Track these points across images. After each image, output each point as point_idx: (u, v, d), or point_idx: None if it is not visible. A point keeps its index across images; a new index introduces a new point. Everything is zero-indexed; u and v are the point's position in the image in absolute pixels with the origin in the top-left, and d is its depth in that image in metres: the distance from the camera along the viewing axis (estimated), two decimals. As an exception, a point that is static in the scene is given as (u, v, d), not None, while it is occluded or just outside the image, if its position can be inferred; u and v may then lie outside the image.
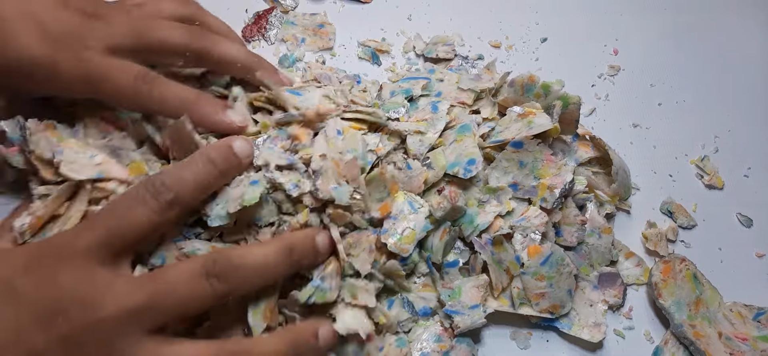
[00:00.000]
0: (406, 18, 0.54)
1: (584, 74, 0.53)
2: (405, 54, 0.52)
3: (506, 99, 0.44)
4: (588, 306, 0.41)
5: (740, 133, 0.51)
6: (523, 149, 0.40)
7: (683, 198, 0.48)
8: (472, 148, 0.41)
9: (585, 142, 0.46)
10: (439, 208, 0.39)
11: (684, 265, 0.43)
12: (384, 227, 0.39)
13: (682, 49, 0.55)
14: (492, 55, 0.52)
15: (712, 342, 0.40)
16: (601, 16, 0.56)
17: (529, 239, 0.40)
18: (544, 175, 0.41)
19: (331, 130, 0.39)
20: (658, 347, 0.41)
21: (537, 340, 0.41)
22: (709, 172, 0.49)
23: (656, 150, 0.50)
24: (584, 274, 0.42)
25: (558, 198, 0.40)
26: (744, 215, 0.47)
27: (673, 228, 0.46)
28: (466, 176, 0.40)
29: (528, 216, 0.40)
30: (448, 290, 0.40)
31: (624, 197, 0.46)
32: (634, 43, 0.55)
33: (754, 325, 0.42)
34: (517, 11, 0.56)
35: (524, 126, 0.41)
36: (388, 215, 0.39)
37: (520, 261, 0.40)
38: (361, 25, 0.53)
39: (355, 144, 0.39)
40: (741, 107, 0.52)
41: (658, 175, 0.49)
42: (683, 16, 0.57)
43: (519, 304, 0.40)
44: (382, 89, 0.46)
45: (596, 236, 0.42)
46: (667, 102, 0.52)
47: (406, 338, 0.39)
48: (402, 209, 0.39)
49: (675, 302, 0.41)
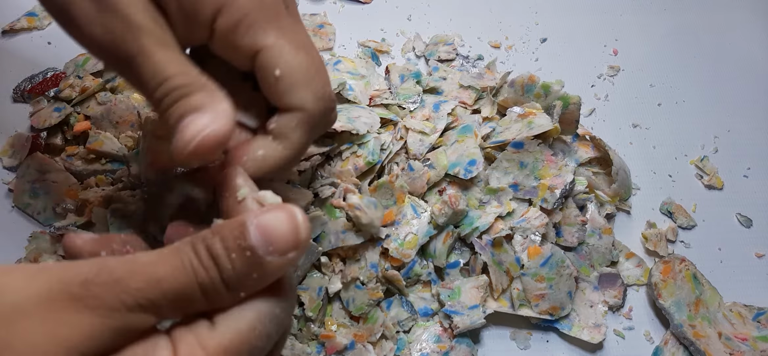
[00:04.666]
0: (406, 18, 0.54)
1: (584, 74, 0.53)
2: (405, 54, 0.52)
3: (506, 99, 0.44)
4: (588, 307, 0.41)
5: (740, 133, 0.51)
6: (524, 150, 0.40)
7: (683, 198, 0.48)
8: (473, 149, 0.41)
9: (585, 142, 0.46)
10: (440, 214, 0.39)
11: (684, 265, 0.43)
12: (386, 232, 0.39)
13: (682, 49, 0.55)
14: (492, 55, 0.52)
15: (712, 343, 0.40)
16: (601, 16, 0.56)
17: (530, 241, 0.40)
18: (544, 175, 0.41)
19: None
20: (658, 347, 0.41)
21: (537, 341, 0.41)
22: (709, 172, 0.49)
23: (656, 150, 0.50)
24: (584, 275, 0.42)
25: (558, 199, 0.40)
26: (743, 216, 0.47)
27: (672, 228, 0.46)
28: (466, 177, 0.40)
29: (528, 217, 0.40)
30: (447, 290, 0.40)
31: (624, 197, 0.46)
32: (634, 43, 0.55)
33: (754, 325, 0.42)
34: (517, 11, 0.55)
35: (525, 126, 0.41)
36: (391, 222, 0.39)
37: (520, 262, 0.40)
38: (361, 26, 0.52)
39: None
40: (741, 108, 0.52)
41: (658, 175, 0.49)
42: (683, 16, 0.57)
43: (519, 305, 0.40)
44: (390, 72, 0.47)
45: (597, 237, 0.42)
46: (667, 102, 0.52)
47: (406, 338, 0.39)
48: (405, 213, 0.39)
49: (675, 302, 0.41)
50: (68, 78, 0.46)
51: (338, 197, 0.39)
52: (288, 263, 0.22)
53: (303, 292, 0.38)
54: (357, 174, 0.40)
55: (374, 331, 0.38)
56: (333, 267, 0.39)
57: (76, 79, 0.46)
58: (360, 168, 0.40)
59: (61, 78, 0.47)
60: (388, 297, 0.40)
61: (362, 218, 0.37)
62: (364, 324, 0.39)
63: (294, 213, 0.23)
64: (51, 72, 0.47)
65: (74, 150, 0.44)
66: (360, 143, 0.40)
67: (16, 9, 0.51)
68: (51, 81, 0.47)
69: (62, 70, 0.48)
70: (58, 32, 0.51)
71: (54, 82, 0.47)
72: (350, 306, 0.39)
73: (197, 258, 0.22)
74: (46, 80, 0.47)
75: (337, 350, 0.38)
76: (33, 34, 0.51)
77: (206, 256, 0.22)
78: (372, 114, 0.42)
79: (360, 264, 0.38)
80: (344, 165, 0.40)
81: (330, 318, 0.39)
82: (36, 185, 0.43)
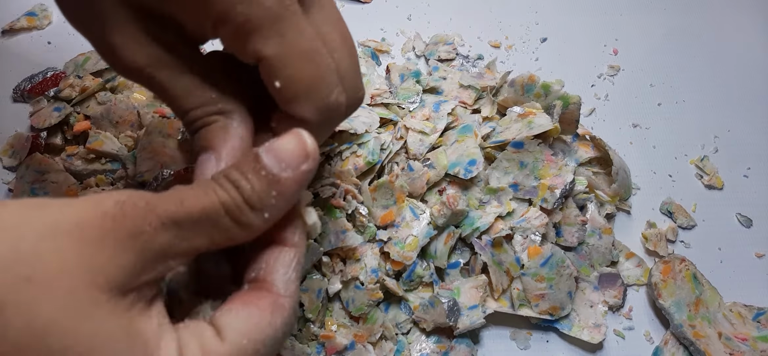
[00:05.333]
0: (406, 18, 0.54)
1: (584, 74, 0.53)
2: (405, 54, 0.52)
3: (506, 99, 0.44)
4: (588, 307, 0.41)
5: (740, 133, 0.51)
6: (524, 150, 0.40)
7: (683, 198, 0.48)
8: (473, 149, 0.41)
9: (585, 142, 0.46)
10: (440, 215, 0.39)
11: (684, 265, 0.43)
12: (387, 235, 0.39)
13: (682, 49, 0.55)
14: (492, 55, 0.52)
15: (712, 343, 0.40)
16: (601, 16, 0.56)
17: (530, 241, 0.40)
18: (544, 175, 0.41)
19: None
20: (658, 347, 0.41)
21: (537, 341, 0.41)
22: (709, 172, 0.49)
23: (656, 150, 0.50)
24: (584, 275, 0.42)
25: (558, 199, 0.40)
26: (743, 216, 0.47)
27: (672, 228, 0.46)
28: (466, 177, 0.40)
29: (528, 217, 0.40)
30: (447, 290, 0.40)
31: (624, 197, 0.46)
32: (634, 43, 0.55)
33: (754, 325, 0.42)
34: (517, 11, 0.55)
35: (524, 126, 0.41)
36: (391, 223, 0.39)
37: (520, 262, 0.40)
38: (361, 25, 0.52)
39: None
40: (741, 107, 0.52)
41: (658, 175, 0.49)
42: (683, 16, 0.57)
43: (519, 305, 0.40)
44: (390, 72, 0.47)
45: (597, 237, 0.42)
46: (667, 102, 0.52)
47: (405, 339, 0.39)
48: (404, 215, 0.39)
49: (675, 302, 0.41)
50: (68, 78, 0.46)
51: (339, 197, 0.39)
52: (303, 176, 0.24)
53: (303, 293, 0.38)
54: (357, 174, 0.40)
55: (374, 331, 0.38)
56: (333, 266, 0.39)
57: (76, 79, 0.46)
58: (360, 168, 0.40)
59: (61, 78, 0.47)
60: (388, 298, 0.40)
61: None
62: (363, 324, 0.39)
63: (299, 132, 0.24)
64: (51, 72, 0.47)
65: (74, 150, 0.44)
66: (360, 143, 0.40)
67: (16, 9, 0.51)
68: (51, 81, 0.47)
69: (62, 70, 0.48)
70: (58, 32, 0.51)
71: (54, 82, 0.47)
72: (350, 307, 0.39)
73: (217, 184, 0.23)
74: (46, 80, 0.47)
75: (337, 350, 0.38)
76: (33, 34, 0.51)
77: (225, 181, 0.23)
78: (371, 114, 0.42)
79: (360, 264, 0.38)
80: (344, 165, 0.40)
81: (330, 318, 0.39)
82: (35, 186, 0.42)
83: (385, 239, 0.39)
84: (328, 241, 0.38)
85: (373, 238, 0.39)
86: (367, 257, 0.38)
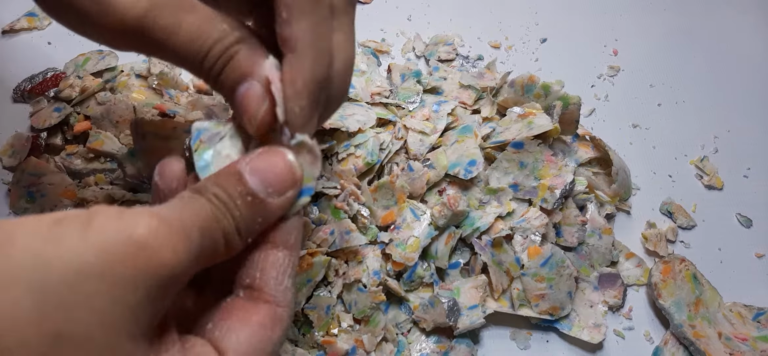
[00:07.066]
0: (406, 18, 0.54)
1: (584, 74, 0.53)
2: (405, 54, 0.52)
3: (506, 99, 0.44)
4: (588, 307, 0.41)
5: (740, 133, 0.51)
6: (524, 150, 0.40)
7: (683, 198, 0.48)
8: (473, 149, 0.41)
9: (585, 142, 0.46)
10: (440, 216, 0.39)
11: (684, 265, 0.43)
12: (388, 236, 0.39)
13: (682, 50, 0.55)
14: (492, 55, 0.52)
15: (712, 343, 0.40)
16: (601, 17, 0.56)
17: (530, 241, 0.40)
18: (544, 176, 0.41)
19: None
20: (658, 347, 0.41)
21: (537, 341, 0.41)
22: (709, 172, 0.49)
23: (656, 150, 0.50)
24: (584, 275, 0.42)
25: (558, 199, 0.40)
26: (743, 216, 0.47)
27: (672, 229, 0.46)
28: (466, 177, 0.40)
29: (528, 217, 0.40)
30: (447, 290, 0.40)
31: (624, 197, 0.46)
32: (633, 43, 0.55)
33: (754, 325, 0.42)
34: (517, 11, 0.55)
35: (524, 127, 0.41)
36: (392, 223, 0.39)
37: (520, 262, 0.40)
38: (361, 26, 0.52)
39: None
40: (740, 108, 0.52)
41: (658, 175, 0.49)
42: (683, 16, 0.57)
43: (519, 305, 0.40)
44: (392, 71, 0.47)
45: (597, 237, 0.42)
46: (667, 102, 0.52)
47: (405, 340, 0.39)
48: (405, 216, 0.39)
49: (675, 302, 0.41)
50: (68, 78, 0.46)
51: (342, 199, 0.39)
52: (288, 202, 0.24)
53: (311, 311, 0.38)
54: (356, 174, 0.40)
55: (376, 334, 0.38)
56: (337, 269, 0.39)
57: (76, 79, 0.46)
58: (359, 169, 0.40)
59: (61, 78, 0.47)
60: (388, 298, 0.39)
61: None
62: (365, 326, 0.39)
63: (284, 155, 0.24)
64: (51, 72, 0.47)
65: (74, 149, 0.44)
66: (358, 143, 0.40)
67: (17, 9, 0.51)
68: (51, 81, 0.47)
69: (62, 71, 0.48)
70: (58, 32, 0.51)
71: (54, 82, 0.47)
72: (353, 309, 0.39)
73: (216, 208, 0.23)
74: (46, 80, 0.47)
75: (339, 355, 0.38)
76: (33, 34, 0.51)
77: (222, 205, 0.23)
78: (368, 112, 0.42)
79: (363, 266, 0.38)
80: (344, 165, 0.40)
81: (333, 322, 0.39)
82: (32, 190, 0.42)
83: (387, 240, 0.39)
84: (333, 242, 0.38)
85: (374, 239, 0.39)
86: (369, 259, 0.38)
